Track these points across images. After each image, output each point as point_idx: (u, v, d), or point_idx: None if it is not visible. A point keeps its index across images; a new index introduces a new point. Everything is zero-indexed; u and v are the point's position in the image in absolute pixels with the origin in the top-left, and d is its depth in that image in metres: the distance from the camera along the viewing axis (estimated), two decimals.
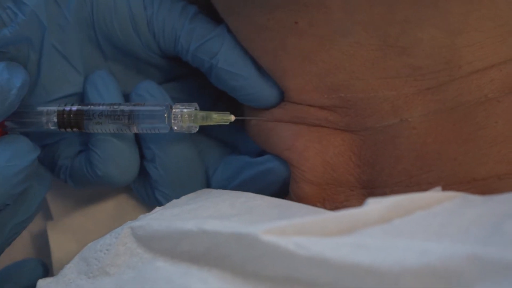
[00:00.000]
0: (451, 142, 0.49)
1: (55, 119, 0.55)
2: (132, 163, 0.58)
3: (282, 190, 0.57)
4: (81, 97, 0.58)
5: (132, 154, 0.58)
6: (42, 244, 0.65)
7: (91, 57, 0.58)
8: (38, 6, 0.54)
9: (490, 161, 0.49)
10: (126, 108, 0.54)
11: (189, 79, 0.61)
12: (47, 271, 0.60)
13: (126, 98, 0.59)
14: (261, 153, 0.58)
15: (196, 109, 0.54)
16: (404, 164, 0.50)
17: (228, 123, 0.54)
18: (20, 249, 0.66)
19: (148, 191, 0.61)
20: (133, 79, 0.60)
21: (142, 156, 0.60)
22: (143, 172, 0.60)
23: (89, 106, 0.55)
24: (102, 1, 0.55)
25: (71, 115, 0.55)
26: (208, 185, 0.62)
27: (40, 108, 0.55)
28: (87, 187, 0.61)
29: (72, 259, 0.47)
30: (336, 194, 0.54)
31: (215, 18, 0.56)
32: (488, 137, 0.49)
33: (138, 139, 0.59)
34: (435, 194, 0.41)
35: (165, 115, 0.53)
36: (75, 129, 0.55)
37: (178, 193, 0.58)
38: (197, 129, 0.54)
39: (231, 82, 0.54)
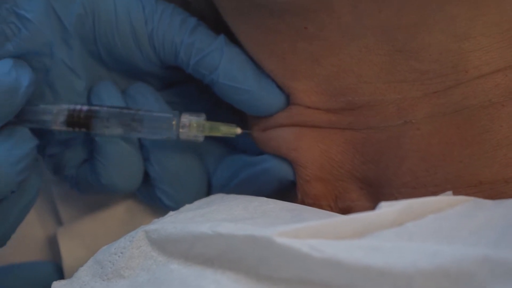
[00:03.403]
0: (456, 144, 0.50)
1: (64, 118, 0.55)
2: (136, 171, 0.59)
3: (278, 190, 0.57)
4: None
5: (136, 162, 0.59)
6: (53, 248, 0.65)
7: (94, 69, 0.58)
8: (42, 22, 0.54)
9: (495, 164, 0.49)
10: (134, 112, 0.55)
11: (189, 83, 0.62)
12: (63, 277, 0.61)
13: None
14: (261, 151, 0.58)
15: (204, 119, 0.55)
16: (409, 164, 0.51)
17: (234, 136, 0.55)
18: (32, 253, 0.66)
19: (149, 191, 0.61)
20: None
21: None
22: (144, 172, 0.60)
23: (99, 108, 0.55)
24: (104, 17, 0.55)
25: (81, 116, 0.55)
26: (209, 184, 0.62)
27: (49, 106, 0.55)
28: (92, 193, 0.62)
29: (82, 264, 0.47)
30: (348, 192, 0.54)
31: (217, 26, 0.56)
32: (493, 140, 0.49)
33: None
34: (446, 198, 0.42)
35: (173, 122, 0.54)
36: (83, 129, 0.55)
37: (177, 190, 0.59)
38: (203, 139, 0.55)
39: (234, 96, 0.55)
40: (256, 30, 0.53)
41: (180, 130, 0.54)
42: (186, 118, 0.54)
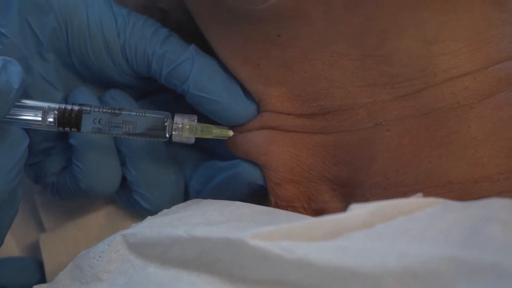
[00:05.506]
0: (425, 145, 0.50)
1: (53, 117, 0.53)
2: (113, 174, 0.59)
3: (251, 194, 0.58)
4: None
5: (112, 166, 0.59)
6: (36, 254, 0.66)
7: (70, 80, 0.59)
8: (17, 36, 0.54)
9: (464, 165, 0.50)
10: (126, 113, 0.54)
11: (165, 93, 0.62)
12: (44, 275, 0.61)
13: None
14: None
15: (195, 121, 0.54)
16: (380, 164, 0.52)
17: (226, 139, 0.55)
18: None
19: (127, 194, 0.62)
20: None
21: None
22: (122, 177, 0.61)
23: (90, 108, 0.53)
24: (77, 30, 0.56)
25: (72, 115, 0.53)
26: (186, 189, 0.63)
27: (40, 104, 0.53)
28: (73, 199, 0.63)
29: (64, 269, 0.48)
30: (320, 194, 0.55)
31: (194, 35, 0.57)
32: (461, 141, 0.50)
33: None
34: (416, 200, 0.43)
35: (166, 123, 0.53)
36: (73, 129, 0.53)
37: (154, 193, 0.60)
38: (193, 141, 0.54)
39: (205, 106, 0.55)
40: (232, 37, 0.54)
41: (173, 132, 0.54)
42: (179, 120, 0.54)
